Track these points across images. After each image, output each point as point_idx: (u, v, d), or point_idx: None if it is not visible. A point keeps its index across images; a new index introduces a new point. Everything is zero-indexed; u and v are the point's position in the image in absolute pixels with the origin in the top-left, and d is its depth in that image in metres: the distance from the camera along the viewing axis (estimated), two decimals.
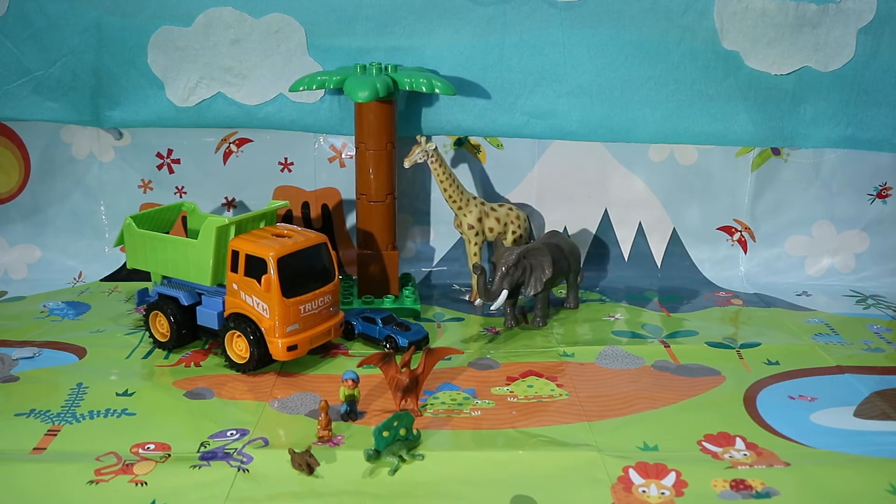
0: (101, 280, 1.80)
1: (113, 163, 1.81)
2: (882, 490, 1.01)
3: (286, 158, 1.79)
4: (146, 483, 1.01)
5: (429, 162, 1.60)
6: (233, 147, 1.78)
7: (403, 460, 1.05)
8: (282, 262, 1.28)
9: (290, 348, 1.30)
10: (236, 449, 1.09)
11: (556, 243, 1.59)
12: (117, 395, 1.26)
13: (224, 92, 1.71)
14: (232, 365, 1.34)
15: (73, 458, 1.07)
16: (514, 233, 1.68)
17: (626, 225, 1.84)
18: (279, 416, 1.19)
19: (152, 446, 1.10)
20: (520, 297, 1.57)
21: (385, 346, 1.42)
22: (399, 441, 1.06)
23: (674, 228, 1.83)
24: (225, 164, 1.79)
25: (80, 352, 1.42)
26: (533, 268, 1.52)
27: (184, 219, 1.62)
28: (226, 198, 1.82)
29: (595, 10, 1.64)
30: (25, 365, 1.36)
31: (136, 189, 1.82)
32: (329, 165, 1.79)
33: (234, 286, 1.33)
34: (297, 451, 1.05)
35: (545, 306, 1.57)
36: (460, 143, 1.78)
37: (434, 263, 1.85)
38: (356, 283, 1.66)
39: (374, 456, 1.05)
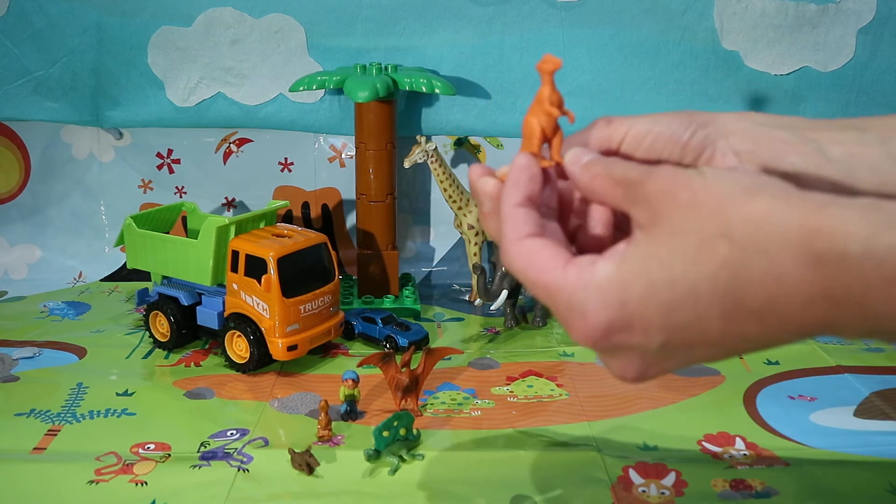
0: (101, 280, 1.80)
1: (113, 163, 1.81)
2: (882, 490, 1.00)
3: (286, 158, 1.79)
4: (146, 483, 1.01)
5: (429, 162, 1.60)
6: (233, 147, 1.78)
7: (403, 460, 1.05)
8: (282, 262, 1.28)
9: (290, 348, 1.30)
10: (236, 449, 1.09)
11: None
12: (117, 395, 1.26)
13: (224, 92, 1.71)
14: (232, 365, 1.34)
15: (73, 458, 1.07)
16: None
17: None
18: (279, 415, 1.19)
19: (152, 446, 1.10)
20: (520, 297, 1.57)
21: (385, 346, 1.42)
22: (399, 441, 1.06)
23: None
24: (225, 164, 1.79)
25: (80, 352, 1.42)
26: None
27: (184, 219, 1.62)
28: (226, 198, 1.82)
29: (595, 10, 1.64)
30: (25, 365, 1.36)
31: (136, 189, 1.82)
32: (329, 165, 1.79)
33: (234, 286, 1.33)
34: (297, 450, 1.05)
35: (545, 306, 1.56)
36: (460, 143, 1.78)
37: (434, 263, 1.85)
38: (356, 283, 1.66)
39: (374, 456, 1.05)
